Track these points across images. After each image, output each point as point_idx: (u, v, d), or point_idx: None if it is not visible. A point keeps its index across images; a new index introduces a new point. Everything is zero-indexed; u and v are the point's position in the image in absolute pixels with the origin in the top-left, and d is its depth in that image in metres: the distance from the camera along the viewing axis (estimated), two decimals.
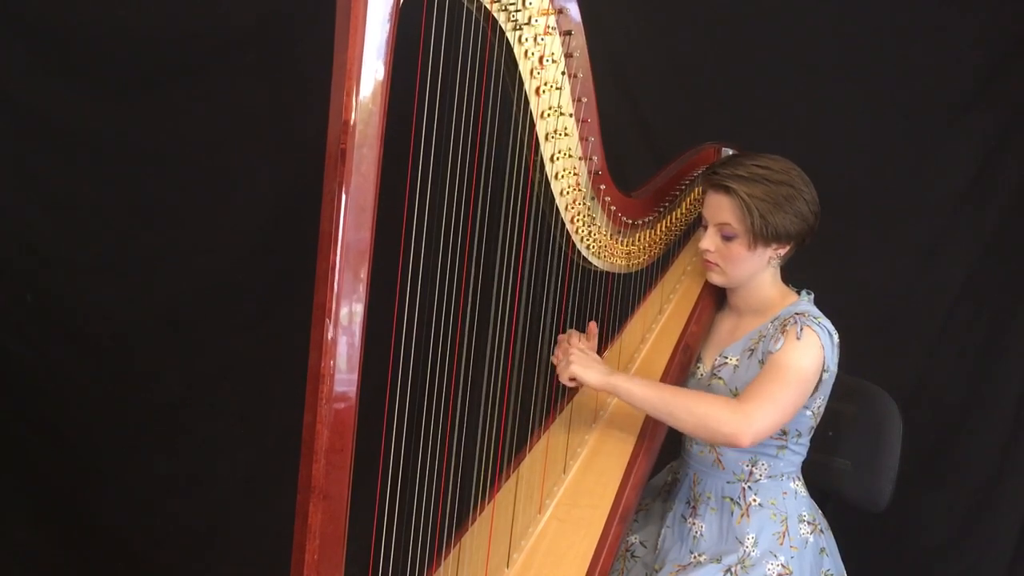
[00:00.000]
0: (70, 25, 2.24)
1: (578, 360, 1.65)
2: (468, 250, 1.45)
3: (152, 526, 2.50)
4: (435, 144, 1.31)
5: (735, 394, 1.70)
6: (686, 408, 1.61)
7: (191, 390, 2.47)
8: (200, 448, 2.50)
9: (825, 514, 1.82)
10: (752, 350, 1.72)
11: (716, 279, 1.78)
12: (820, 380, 1.66)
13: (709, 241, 1.73)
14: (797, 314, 1.67)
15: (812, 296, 1.78)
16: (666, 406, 1.62)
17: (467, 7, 1.34)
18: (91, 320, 2.40)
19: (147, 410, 2.45)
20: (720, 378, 1.76)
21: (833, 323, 1.72)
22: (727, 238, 1.70)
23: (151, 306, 2.41)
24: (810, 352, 1.63)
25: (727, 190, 1.68)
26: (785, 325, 1.66)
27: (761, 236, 1.67)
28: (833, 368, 1.68)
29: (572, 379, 1.66)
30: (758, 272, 1.74)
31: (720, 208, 1.70)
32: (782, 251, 1.72)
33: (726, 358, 1.77)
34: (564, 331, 1.78)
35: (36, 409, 2.43)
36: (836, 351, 1.68)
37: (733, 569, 1.65)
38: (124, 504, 2.48)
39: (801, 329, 1.64)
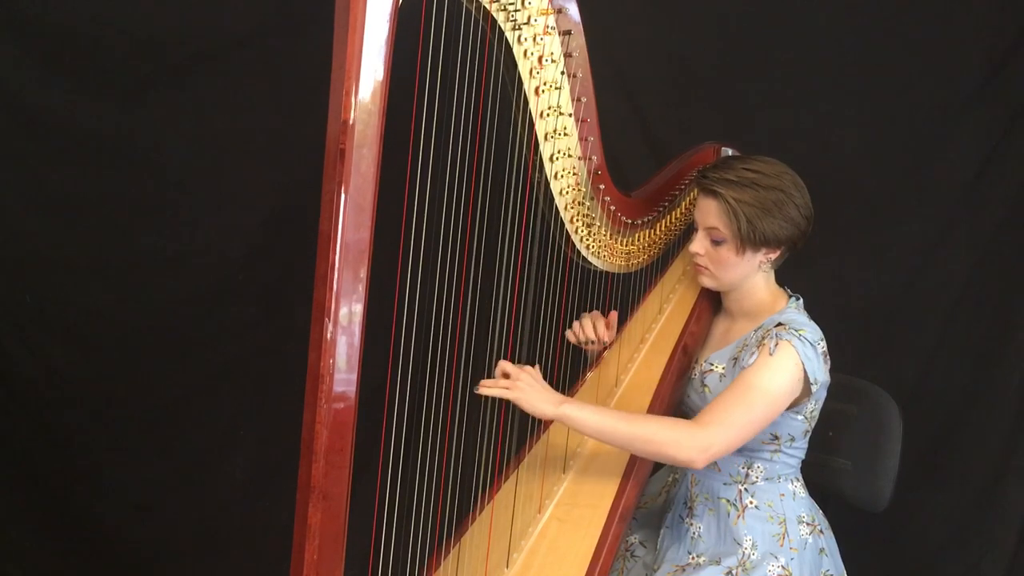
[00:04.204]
0: (70, 25, 2.24)
1: (524, 391, 1.54)
2: (467, 249, 1.45)
3: (152, 527, 2.50)
4: (434, 144, 1.31)
5: None
6: (640, 437, 1.57)
7: (191, 390, 2.47)
8: (200, 448, 2.50)
9: (825, 514, 1.81)
10: (736, 359, 1.71)
11: (706, 282, 1.77)
12: (808, 391, 1.65)
13: (698, 244, 1.73)
14: (778, 325, 1.65)
15: (801, 302, 1.76)
16: (620, 435, 1.58)
17: (466, 7, 1.34)
18: (91, 320, 2.40)
19: (146, 411, 2.45)
20: (707, 386, 1.76)
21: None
22: (716, 242, 1.70)
23: (151, 306, 2.41)
24: (782, 369, 1.60)
25: (714, 194, 1.67)
26: (764, 338, 1.64)
27: (749, 241, 1.67)
28: (822, 378, 1.65)
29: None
30: (749, 276, 1.74)
31: (708, 212, 1.69)
32: (773, 255, 1.71)
33: (712, 364, 1.76)
34: (564, 330, 1.78)
35: (35, 410, 2.42)
36: (822, 360, 1.65)
37: (734, 572, 1.65)
38: (123, 504, 2.48)
39: (776, 344, 1.61)
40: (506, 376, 1.57)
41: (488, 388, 1.54)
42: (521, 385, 1.55)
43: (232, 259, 2.43)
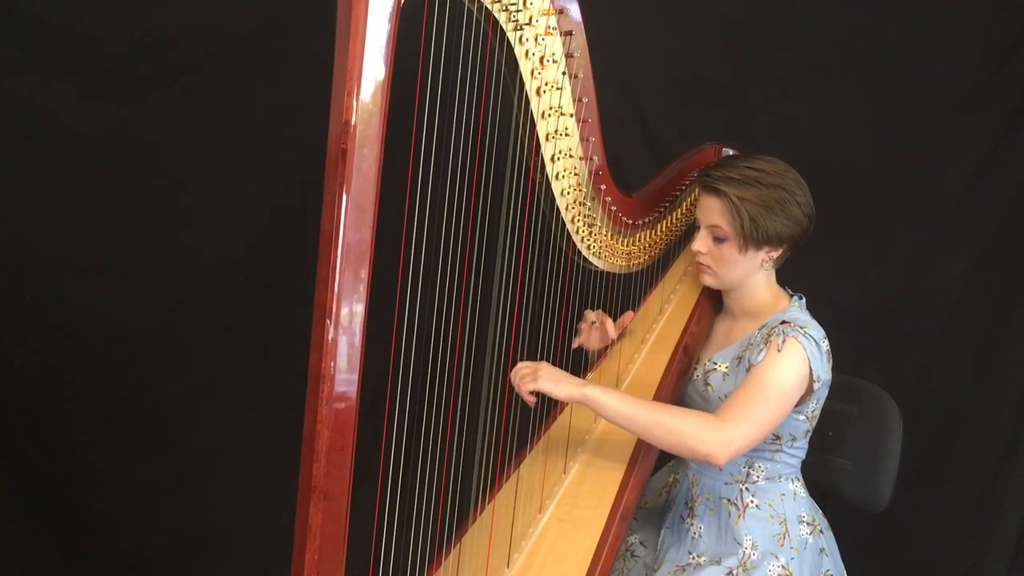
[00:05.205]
0: (70, 25, 2.24)
1: (547, 375, 1.59)
2: (468, 250, 1.45)
3: (152, 527, 2.50)
4: (436, 145, 1.31)
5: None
6: (663, 425, 1.58)
7: (191, 391, 2.47)
8: (200, 449, 2.50)
9: (825, 514, 1.82)
10: (740, 358, 1.72)
11: (708, 281, 1.78)
12: (811, 389, 1.65)
13: (701, 243, 1.73)
14: (783, 323, 1.65)
15: (803, 301, 1.76)
16: (641, 421, 1.59)
17: (468, 7, 1.34)
18: (91, 320, 2.40)
19: (146, 411, 2.45)
20: (710, 384, 1.76)
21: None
22: (718, 240, 1.70)
23: (151, 306, 2.41)
24: (791, 365, 1.61)
25: (718, 192, 1.67)
26: (770, 336, 1.65)
27: (752, 239, 1.67)
28: (825, 376, 1.66)
29: (532, 394, 1.60)
30: (751, 275, 1.74)
31: (711, 210, 1.69)
32: (775, 254, 1.72)
33: (715, 364, 1.77)
34: (564, 332, 1.78)
35: (34, 410, 2.42)
36: (826, 358, 1.66)
37: (735, 572, 1.65)
38: (123, 504, 2.48)
39: (783, 341, 1.62)
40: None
41: (519, 385, 1.59)
42: (543, 373, 1.59)
43: (232, 259, 2.43)
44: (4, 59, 2.23)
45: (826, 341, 1.67)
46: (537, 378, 1.58)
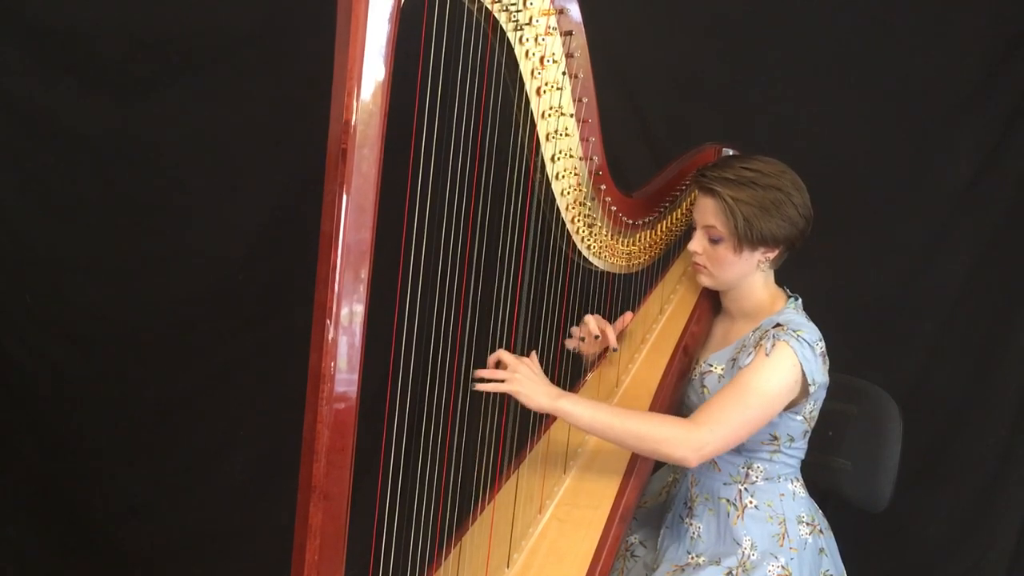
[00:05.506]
0: (70, 25, 2.24)
1: (523, 383, 1.54)
2: (469, 250, 1.45)
3: (152, 526, 2.50)
4: (436, 145, 1.31)
5: None
6: (633, 433, 1.57)
7: (191, 391, 2.47)
8: (200, 449, 2.50)
9: (825, 514, 1.81)
10: (734, 359, 1.71)
11: (705, 281, 1.77)
12: (806, 392, 1.65)
13: (697, 243, 1.73)
14: (777, 326, 1.65)
15: (799, 302, 1.76)
16: (614, 431, 1.57)
17: (468, 7, 1.35)
18: (91, 320, 2.40)
19: (146, 411, 2.45)
20: (706, 387, 1.76)
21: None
22: (714, 241, 1.70)
23: (151, 306, 2.41)
24: (778, 369, 1.60)
25: (712, 192, 1.67)
26: (761, 339, 1.64)
27: (747, 240, 1.67)
28: (821, 379, 1.65)
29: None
30: (747, 275, 1.73)
31: (706, 210, 1.69)
32: (771, 255, 1.71)
33: (711, 366, 1.76)
34: (564, 331, 1.78)
35: (34, 410, 2.42)
36: (821, 360, 1.65)
37: (734, 572, 1.65)
38: (123, 504, 2.48)
39: (773, 345, 1.61)
40: (498, 365, 1.56)
41: (485, 385, 1.53)
42: (519, 377, 1.55)
43: (232, 259, 2.42)
44: (4, 59, 2.23)
45: (822, 343, 1.66)
46: (513, 381, 1.54)
